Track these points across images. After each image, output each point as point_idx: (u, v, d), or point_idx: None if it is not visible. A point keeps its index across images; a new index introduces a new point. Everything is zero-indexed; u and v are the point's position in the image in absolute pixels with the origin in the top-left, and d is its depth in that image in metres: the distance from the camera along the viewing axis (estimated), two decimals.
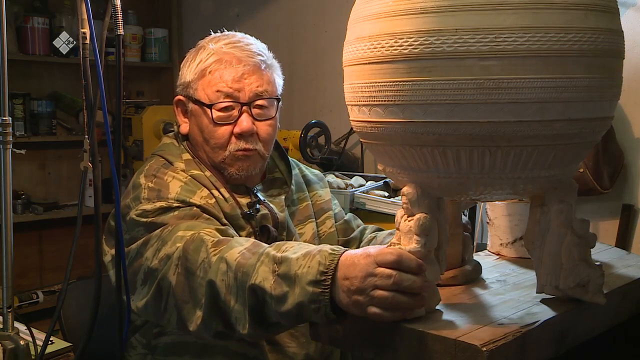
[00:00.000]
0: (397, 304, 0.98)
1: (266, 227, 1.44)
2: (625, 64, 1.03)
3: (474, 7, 0.89)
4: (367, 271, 0.99)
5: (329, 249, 1.06)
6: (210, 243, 1.21)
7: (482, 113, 0.91)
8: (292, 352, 1.43)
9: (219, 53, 1.44)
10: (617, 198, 2.21)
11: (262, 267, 1.11)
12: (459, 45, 0.89)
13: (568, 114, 0.93)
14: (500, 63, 0.89)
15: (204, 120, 1.45)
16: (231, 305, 1.15)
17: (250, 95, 1.43)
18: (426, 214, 1.00)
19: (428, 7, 0.91)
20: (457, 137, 0.93)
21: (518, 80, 0.89)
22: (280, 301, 1.07)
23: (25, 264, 3.53)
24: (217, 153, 1.45)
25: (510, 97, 0.90)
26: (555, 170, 0.99)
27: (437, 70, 0.91)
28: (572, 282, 1.03)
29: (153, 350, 1.43)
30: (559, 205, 1.03)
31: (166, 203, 1.33)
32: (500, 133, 0.92)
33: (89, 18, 1.07)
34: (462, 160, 0.96)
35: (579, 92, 0.92)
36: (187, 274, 1.22)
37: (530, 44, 0.89)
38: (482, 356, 0.88)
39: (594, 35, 0.92)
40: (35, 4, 3.50)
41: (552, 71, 0.90)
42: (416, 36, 0.92)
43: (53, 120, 3.52)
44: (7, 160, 1.15)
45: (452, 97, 0.91)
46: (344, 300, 1.01)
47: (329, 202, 1.66)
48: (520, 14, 0.89)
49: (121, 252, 1.10)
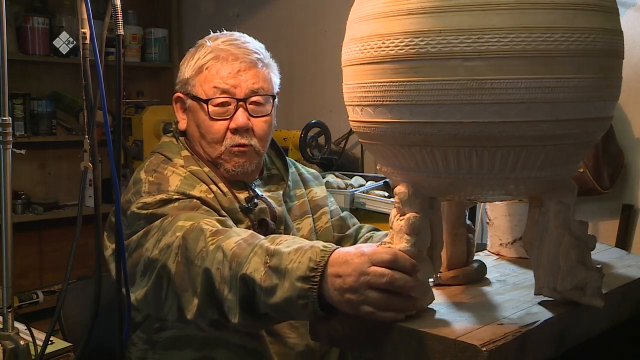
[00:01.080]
0: (391, 305, 0.98)
1: (264, 221, 1.47)
2: (625, 64, 1.03)
3: (458, 8, 0.90)
4: (361, 270, 0.99)
5: (321, 246, 1.06)
6: (208, 232, 1.23)
7: (466, 113, 0.91)
8: (293, 342, 1.44)
9: (216, 50, 1.48)
10: (617, 198, 2.21)
11: (254, 257, 1.12)
12: (443, 46, 0.90)
13: (556, 115, 0.92)
14: (484, 63, 0.89)
15: (201, 116, 1.48)
16: (224, 294, 1.17)
17: (246, 91, 1.47)
18: (417, 214, 1.01)
19: (413, 9, 0.92)
20: (443, 138, 0.94)
21: (502, 81, 0.89)
22: (269, 293, 1.08)
23: (25, 264, 3.53)
24: (214, 148, 1.48)
25: (494, 97, 0.90)
26: (547, 171, 0.98)
27: (422, 71, 0.92)
28: (569, 284, 1.02)
29: (154, 346, 1.44)
30: (557, 206, 1.02)
31: (166, 195, 1.36)
32: (485, 133, 0.92)
33: (89, 18, 1.07)
34: (450, 160, 0.96)
35: (568, 92, 0.92)
36: (187, 262, 1.24)
37: (514, 44, 0.89)
38: (482, 356, 0.89)
39: (584, 35, 0.91)
40: (35, 4, 3.50)
41: (537, 71, 0.90)
42: (402, 37, 0.93)
43: (53, 120, 3.52)
44: (7, 160, 1.15)
45: (437, 97, 0.92)
46: (335, 298, 1.02)
47: (325, 198, 1.69)
48: (504, 14, 0.89)
49: (121, 252, 1.10)
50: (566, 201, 1.02)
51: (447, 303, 1.08)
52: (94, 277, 1.14)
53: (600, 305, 1.02)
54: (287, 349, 1.43)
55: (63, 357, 1.49)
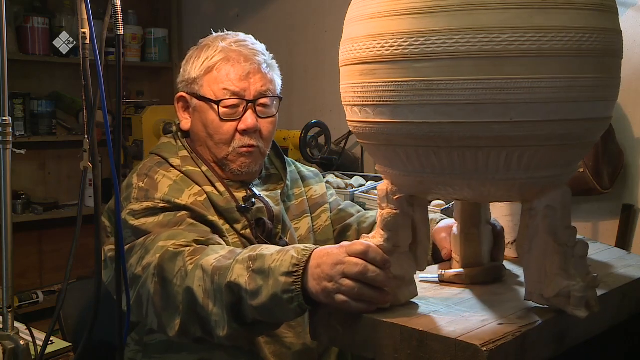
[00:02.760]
0: (362, 295, 1.02)
1: (262, 220, 1.48)
2: (625, 64, 1.02)
3: (409, 12, 0.92)
4: (337, 259, 1.04)
5: (302, 246, 1.12)
6: (187, 252, 1.26)
7: (418, 114, 0.94)
8: (289, 342, 1.44)
9: (225, 51, 1.49)
10: (617, 198, 2.21)
11: (237, 265, 1.16)
12: (395, 48, 0.93)
13: (510, 115, 0.91)
14: (432, 65, 0.91)
15: (210, 116, 1.48)
16: (209, 309, 1.19)
17: (255, 93, 1.48)
18: (392, 210, 1.04)
19: (375, 13, 0.96)
20: (403, 137, 0.97)
21: (449, 82, 0.90)
22: (254, 295, 1.11)
23: (25, 264, 3.53)
24: (221, 149, 1.49)
25: (442, 98, 0.91)
26: (516, 174, 0.96)
27: (380, 72, 0.96)
28: (552, 291, 1.00)
29: (146, 348, 1.44)
30: (545, 210, 1.00)
31: (152, 203, 1.38)
32: (436, 134, 0.93)
33: (89, 18, 1.07)
34: (413, 160, 0.99)
35: (521, 93, 0.89)
36: (164, 282, 1.26)
37: (459, 45, 0.89)
38: (482, 356, 0.89)
39: (538, 34, 0.88)
40: (35, 4, 3.50)
41: (486, 72, 0.89)
42: (365, 40, 0.98)
43: (53, 120, 3.52)
44: (7, 160, 1.15)
45: (393, 98, 0.95)
46: (314, 289, 1.06)
47: (324, 195, 1.69)
48: (452, 15, 0.89)
49: (121, 252, 1.10)
50: (554, 205, 1.00)
51: (447, 303, 1.08)
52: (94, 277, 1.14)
53: (582, 316, 0.98)
54: (284, 349, 1.43)
55: (63, 357, 1.50)
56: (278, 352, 1.43)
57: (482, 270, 1.20)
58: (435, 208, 2.02)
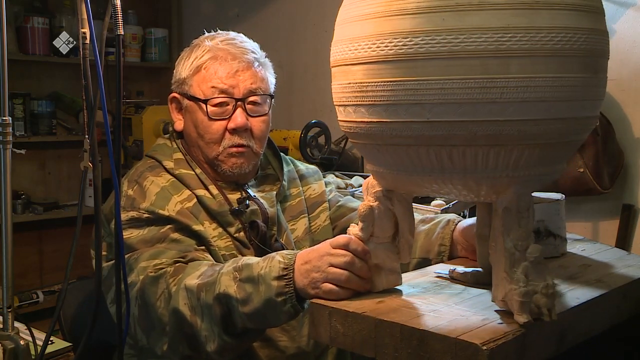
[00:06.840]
0: (348, 283, 1.09)
1: (255, 223, 1.46)
2: (625, 64, 1.03)
3: (389, 14, 0.94)
4: (324, 251, 1.12)
5: (285, 252, 1.18)
6: (168, 274, 1.28)
7: (391, 113, 0.96)
8: (284, 346, 1.44)
9: (213, 50, 1.48)
10: (617, 198, 2.21)
11: (223, 277, 1.19)
12: (372, 50, 0.97)
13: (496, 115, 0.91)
14: (427, 64, 0.92)
15: (199, 116, 1.48)
16: (198, 326, 1.22)
17: (244, 91, 1.47)
18: (368, 203, 1.10)
19: (369, 14, 0.98)
20: (388, 137, 0.99)
21: (444, 82, 0.91)
22: (245, 303, 1.15)
23: (25, 264, 3.53)
24: (212, 148, 1.48)
25: (436, 98, 0.92)
26: (509, 172, 0.96)
27: (378, 72, 0.98)
28: (500, 294, 1.00)
29: (140, 352, 1.43)
30: (502, 212, 0.99)
31: (137, 213, 1.39)
32: (408, 133, 0.96)
33: (89, 18, 1.07)
34: (395, 156, 1.01)
35: (512, 92, 0.90)
36: (147, 306, 1.28)
37: (429, 46, 0.91)
38: (483, 355, 0.89)
39: (518, 34, 0.89)
40: (35, 4, 3.50)
41: (476, 72, 0.90)
42: (347, 43, 1.01)
43: (53, 120, 3.52)
44: (7, 160, 1.15)
45: (370, 98, 0.98)
46: (301, 283, 1.11)
47: (323, 194, 1.67)
48: (424, 17, 0.91)
49: (121, 252, 1.10)
50: (509, 207, 0.98)
51: (447, 302, 1.08)
52: (94, 277, 1.14)
53: (520, 322, 0.95)
54: (278, 353, 1.43)
55: (63, 357, 1.49)
56: (272, 356, 1.42)
57: (487, 273, 1.20)
58: (436, 208, 2.02)
